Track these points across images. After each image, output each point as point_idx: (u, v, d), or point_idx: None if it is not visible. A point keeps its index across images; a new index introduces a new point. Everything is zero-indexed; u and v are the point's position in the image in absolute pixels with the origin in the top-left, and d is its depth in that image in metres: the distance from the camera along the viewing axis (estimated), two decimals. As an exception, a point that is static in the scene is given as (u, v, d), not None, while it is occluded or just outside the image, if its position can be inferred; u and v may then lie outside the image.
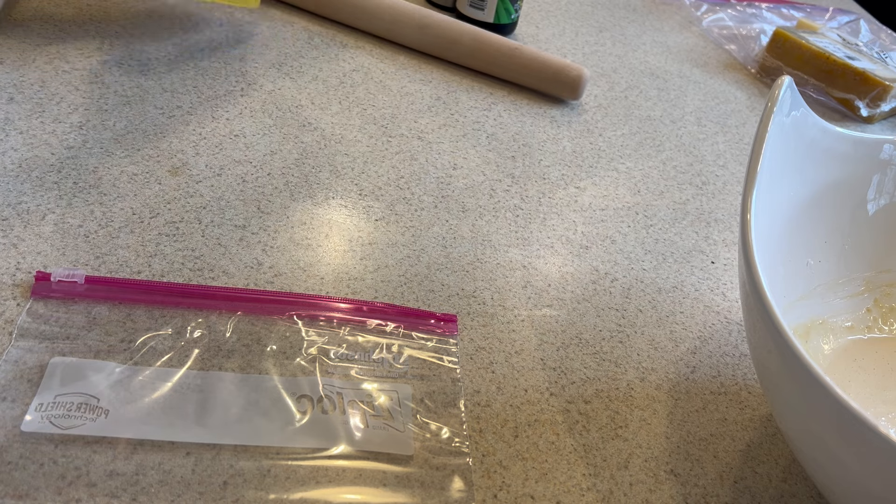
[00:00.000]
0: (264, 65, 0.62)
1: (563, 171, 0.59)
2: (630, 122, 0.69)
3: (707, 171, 0.65)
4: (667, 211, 0.58)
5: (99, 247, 0.42)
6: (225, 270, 0.43)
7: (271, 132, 0.55)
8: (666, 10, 0.96)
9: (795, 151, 0.42)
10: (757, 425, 0.43)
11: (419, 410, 0.37)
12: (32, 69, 0.54)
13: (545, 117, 0.66)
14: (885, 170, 0.47)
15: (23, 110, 0.50)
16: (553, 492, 0.36)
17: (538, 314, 0.46)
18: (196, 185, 0.48)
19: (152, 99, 0.54)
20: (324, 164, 0.53)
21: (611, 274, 0.50)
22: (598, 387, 0.42)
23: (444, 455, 0.35)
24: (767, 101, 0.39)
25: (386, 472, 0.34)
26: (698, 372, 0.45)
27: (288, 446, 0.34)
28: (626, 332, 0.46)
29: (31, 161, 0.46)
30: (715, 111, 0.75)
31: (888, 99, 0.79)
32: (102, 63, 0.56)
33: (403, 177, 0.54)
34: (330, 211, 0.49)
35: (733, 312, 0.50)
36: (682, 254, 0.54)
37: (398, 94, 0.63)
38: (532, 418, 0.39)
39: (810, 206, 0.45)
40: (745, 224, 0.36)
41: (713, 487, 0.39)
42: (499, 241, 0.50)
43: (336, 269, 0.45)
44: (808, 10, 1.02)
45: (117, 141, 0.50)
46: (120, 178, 0.47)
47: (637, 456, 0.39)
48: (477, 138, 0.60)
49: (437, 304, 0.44)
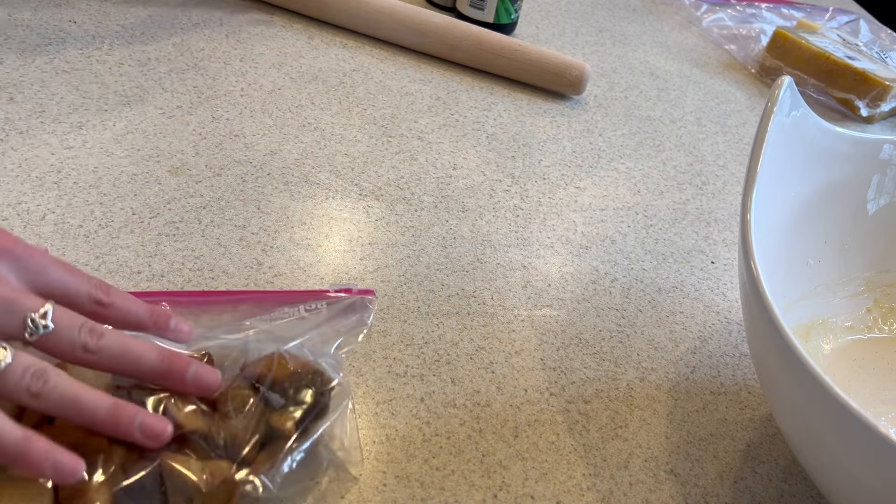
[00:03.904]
0: (264, 65, 0.62)
1: (563, 171, 0.59)
2: (630, 122, 0.69)
3: (707, 171, 0.65)
4: (667, 211, 0.58)
5: (99, 247, 0.42)
6: (225, 270, 0.43)
7: (271, 132, 0.54)
8: (666, 10, 0.96)
9: (795, 151, 0.42)
10: (757, 425, 0.43)
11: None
12: (32, 69, 0.54)
13: (545, 117, 0.66)
14: (885, 170, 0.47)
15: (23, 110, 0.50)
16: (553, 492, 0.36)
17: (538, 314, 0.46)
18: (196, 185, 0.48)
19: (152, 99, 0.54)
20: (324, 164, 0.53)
21: (611, 274, 0.50)
22: (598, 387, 0.42)
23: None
24: (767, 101, 0.39)
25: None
26: (698, 372, 0.45)
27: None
28: (626, 332, 0.46)
29: (31, 161, 0.46)
30: (715, 111, 0.75)
31: (888, 99, 0.79)
32: (102, 63, 0.56)
33: (403, 177, 0.54)
34: (330, 211, 0.49)
35: (733, 312, 0.50)
36: (682, 254, 0.54)
37: (398, 94, 0.63)
38: (532, 418, 0.39)
39: (810, 206, 0.45)
40: (745, 224, 0.36)
41: (713, 487, 0.39)
42: (499, 241, 0.50)
43: (336, 269, 0.45)
44: (808, 10, 1.02)
45: (117, 141, 0.50)
46: (120, 178, 0.47)
47: (637, 456, 0.39)
48: (477, 138, 0.60)
49: (437, 304, 0.44)
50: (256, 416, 0.32)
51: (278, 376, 0.33)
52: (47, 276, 0.31)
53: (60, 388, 0.28)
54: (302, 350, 0.35)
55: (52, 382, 0.28)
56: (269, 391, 0.33)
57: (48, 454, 0.27)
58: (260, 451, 0.32)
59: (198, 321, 0.38)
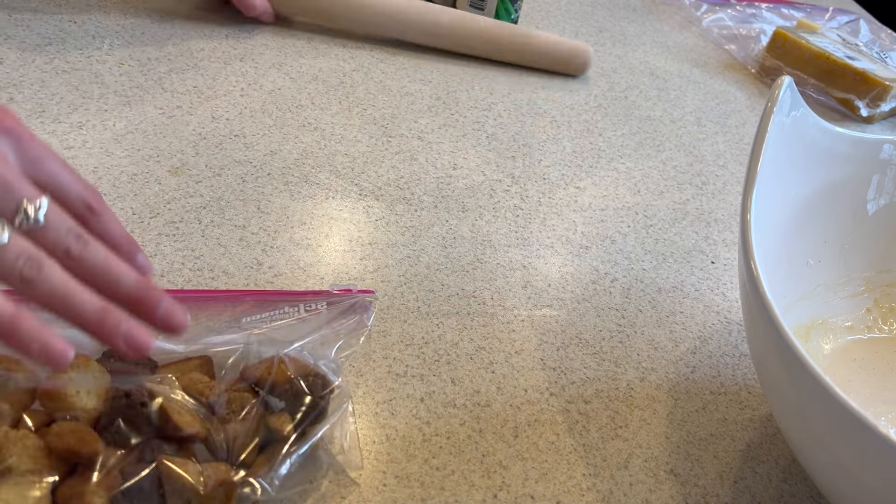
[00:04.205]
0: (264, 65, 0.62)
1: (563, 171, 0.59)
2: (630, 122, 0.69)
3: (707, 171, 0.65)
4: (667, 211, 0.58)
5: (99, 247, 0.42)
6: (225, 270, 0.43)
7: (271, 132, 0.54)
8: (666, 10, 0.96)
9: (795, 151, 0.42)
10: (757, 425, 0.43)
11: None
12: (32, 69, 0.54)
13: (545, 117, 0.66)
14: (885, 170, 0.47)
15: (23, 110, 0.50)
16: (553, 492, 0.36)
17: (538, 314, 0.46)
18: (196, 185, 0.48)
19: (152, 99, 0.54)
20: (324, 164, 0.53)
21: (611, 274, 0.50)
22: (598, 387, 0.42)
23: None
24: (767, 101, 0.39)
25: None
26: (698, 372, 0.45)
27: None
28: (626, 332, 0.46)
29: (30, 161, 0.46)
30: (715, 111, 0.75)
31: (888, 99, 0.79)
32: (102, 63, 0.56)
33: (403, 177, 0.54)
34: (330, 211, 0.49)
35: (733, 312, 0.50)
36: (682, 254, 0.54)
37: (398, 94, 0.63)
38: (532, 418, 0.39)
39: (810, 206, 0.45)
40: (745, 224, 0.36)
41: (713, 487, 0.39)
42: (499, 241, 0.50)
43: (336, 269, 0.45)
44: (808, 10, 1.02)
45: (117, 141, 0.50)
46: (120, 178, 0.47)
47: (637, 456, 0.39)
48: (477, 138, 0.60)
49: (437, 304, 0.44)
50: (256, 420, 0.32)
51: (278, 380, 0.33)
52: (46, 166, 0.30)
53: (54, 278, 0.27)
54: (302, 353, 0.35)
55: (47, 272, 0.27)
56: (269, 395, 0.33)
57: (38, 333, 0.26)
58: (259, 454, 0.32)
59: (197, 319, 0.38)
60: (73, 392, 0.30)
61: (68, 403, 0.30)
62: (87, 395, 0.30)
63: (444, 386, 0.40)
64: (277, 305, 0.39)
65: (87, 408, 0.30)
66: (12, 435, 0.29)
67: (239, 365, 0.34)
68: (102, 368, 0.32)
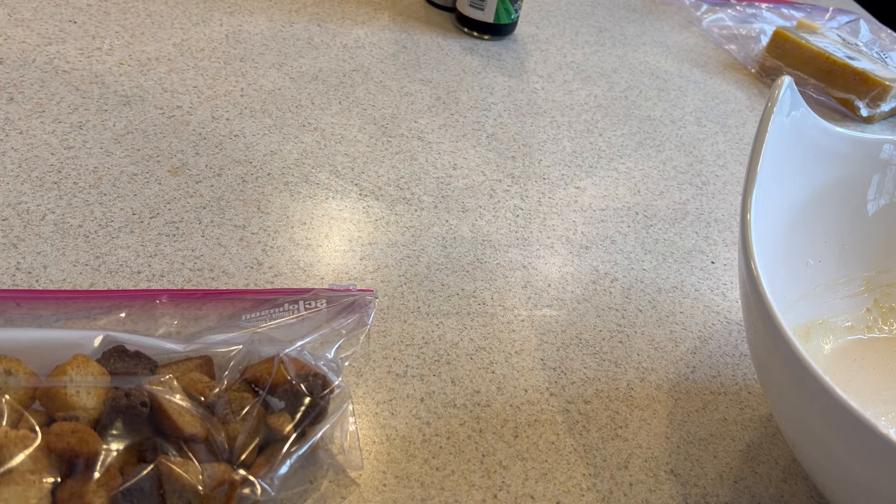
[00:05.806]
0: (264, 65, 0.62)
1: (563, 171, 0.59)
2: (630, 122, 0.69)
3: (707, 171, 0.65)
4: (667, 211, 0.58)
5: (99, 247, 0.42)
6: (225, 270, 0.43)
7: (271, 132, 0.54)
8: (666, 10, 0.96)
9: (795, 151, 0.42)
10: (757, 425, 0.43)
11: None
12: (32, 69, 0.54)
13: (545, 117, 0.66)
14: (885, 170, 0.47)
15: (23, 110, 0.50)
16: (553, 492, 0.36)
17: (538, 314, 0.46)
18: (196, 185, 0.48)
19: (152, 99, 0.54)
20: (324, 164, 0.53)
21: (611, 274, 0.50)
22: (598, 387, 0.42)
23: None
24: (767, 101, 0.39)
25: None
26: (698, 372, 0.45)
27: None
28: (626, 332, 0.46)
29: (31, 161, 0.46)
30: (715, 111, 0.75)
31: (888, 99, 0.79)
32: (102, 63, 0.56)
33: (403, 177, 0.54)
34: (330, 211, 0.49)
35: (733, 312, 0.50)
36: (682, 254, 0.54)
37: (398, 94, 0.63)
38: (532, 418, 0.39)
39: (810, 206, 0.45)
40: (745, 224, 0.36)
41: (713, 487, 0.39)
42: (499, 241, 0.50)
43: (336, 269, 0.45)
44: (808, 10, 1.02)
45: (117, 141, 0.50)
46: (120, 178, 0.47)
47: (637, 456, 0.39)
48: (477, 138, 0.60)
49: (437, 304, 0.44)
50: (256, 420, 0.32)
51: (278, 380, 0.33)
52: None
53: None
54: (302, 353, 0.35)
55: None
56: (269, 395, 0.33)
57: None
58: (259, 454, 0.32)
59: (197, 318, 0.38)
60: (73, 392, 0.30)
61: (68, 403, 0.30)
62: (87, 395, 0.30)
63: (444, 386, 0.40)
64: (277, 302, 0.39)
65: (87, 408, 0.30)
66: (12, 435, 0.29)
67: (239, 365, 0.34)
68: (102, 368, 0.32)
